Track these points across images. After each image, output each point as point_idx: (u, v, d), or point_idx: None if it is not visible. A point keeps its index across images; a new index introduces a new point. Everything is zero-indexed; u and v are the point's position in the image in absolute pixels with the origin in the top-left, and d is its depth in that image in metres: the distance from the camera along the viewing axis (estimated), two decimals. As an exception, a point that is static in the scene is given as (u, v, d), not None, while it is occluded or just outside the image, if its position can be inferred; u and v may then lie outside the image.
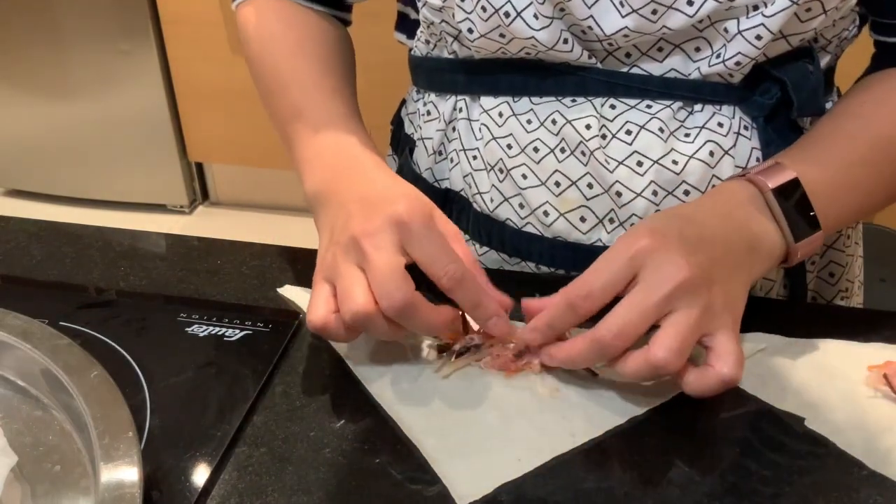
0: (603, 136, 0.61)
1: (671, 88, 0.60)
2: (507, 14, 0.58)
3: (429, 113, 0.70)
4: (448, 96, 0.67)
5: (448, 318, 0.51)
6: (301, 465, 0.48)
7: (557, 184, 0.62)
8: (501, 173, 0.64)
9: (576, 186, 0.62)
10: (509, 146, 0.63)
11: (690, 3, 0.55)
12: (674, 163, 0.60)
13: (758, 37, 0.56)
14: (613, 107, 0.61)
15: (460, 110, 0.66)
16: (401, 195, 0.52)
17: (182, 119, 2.17)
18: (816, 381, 0.54)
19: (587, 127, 0.61)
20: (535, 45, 0.59)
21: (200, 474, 0.47)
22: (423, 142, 0.70)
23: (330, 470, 0.48)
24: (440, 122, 0.68)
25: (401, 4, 0.72)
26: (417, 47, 0.69)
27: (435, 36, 0.66)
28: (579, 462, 0.48)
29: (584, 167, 0.61)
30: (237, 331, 0.58)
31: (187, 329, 0.58)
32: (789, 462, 0.48)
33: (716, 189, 0.56)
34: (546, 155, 0.62)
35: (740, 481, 0.47)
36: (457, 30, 0.62)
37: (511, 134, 0.63)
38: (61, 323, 0.58)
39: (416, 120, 0.72)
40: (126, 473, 0.42)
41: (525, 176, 0.63)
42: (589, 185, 0.61)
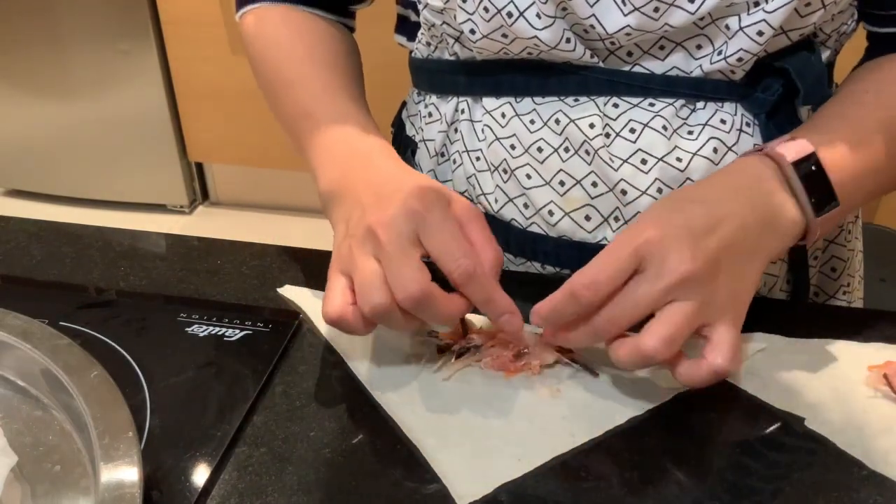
0: (607, 135, 0.61)
1: (673, 86, 0.60)
2: (510, 14, 0.58)
3: (430, 115, 0.69)
4: (450, 98, 0.67)
5: (463, 308, 0.51)
6: (301, 465, 0.48)
7: (562, 183, 0.62)
8: (505, 174, 0.64)
9: (580, 185, 0.62)
10: (513, 146, 0.63)
11: (692, 0, 0.55)
12: (678, 160, 0.60)
13: (759, 32, 0.56)
14: (616, 105, 0.61)
15: (462, 112, 0.66)
16: (415, 185, 0.51)
17: (182, 119, 2.17)
18: (816, 381, 0.54)
19: (591, 126, 0.61)
20: (538, 45, 0.59)
21: (200, 474, 0.47)
22: (425, 144, 0.70)
23: (330, 470, 0.48)
24: (442, 124, 0.68)
25: (400, 7, 0.72)
26: (418, 49, 0.69)
27: (436, 38, 0.66)
28: (579, 462, 0.48)
29: (589, 166, 0.61)
30: (237, 331, 0.58)
31: (187, 329, 0.58)
32: (789, 462, 0.48)
33: (731, 165, 0.55)
34: (550, 154, 0.62)
35: (740, 481, 0.47)
36: (458, 31, 0.62)
37: (514, 134, 0.63)
38: (61, 323, 0.58)
39: (418, 122, 0.72)
40: (126, 473, 0.42)
41: (529, 176, 0.63)
42: (593, 184, 0.61)
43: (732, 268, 0.50)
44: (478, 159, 0.66)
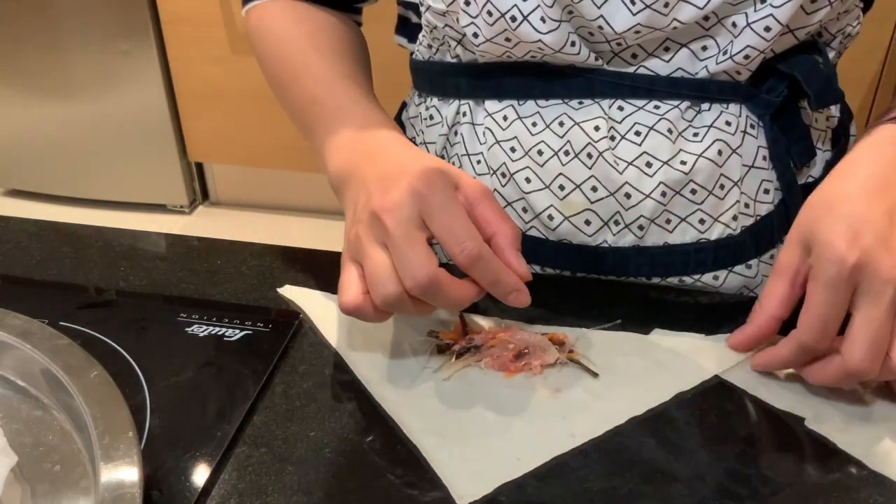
0: (612, 138, 0.60)
1: (678, 88, 0.60)
2: (514, 18, 0.57)
3: (431, 117, 0.69)
4: (451, 100, 0.67)
5: (473, 293, 0.50)
6: (301, 465, 0.48)
7: (562, 187, 0.62)
8: (504, 177, 0.64)
9: (580, 190, 0.62)
10: (513, 149, 0.63)
11: None
12: (682, 163, 0.60)
13: (766, 28, 0.56)
14: (621, 108, 0.61)
15: (464, 115, 0.66)
16: (420, 167, 0.51)
17: (182, 119, 2.17)
18: (816, 381, 0.54)
19: (596, 129, 0.60)
20: (542, 49, 0.59)
21: (200, 474, 0.47)
22: (426, 146, 0.70)
23: (330, 470, 0.48)
24: (443, 127, 0.68)
25: (401, 8, 0.72)
26: (419, 51, 0.69)
27: (437, 40, 0.66)
28: (579, 462, 0.48)
29: (589, 170, 0.61)
30: (237, 331, 0.58)
31: (187, 329, 0.58)
32: (789, 462, 0.48)
33: (874, 139, 0.53)
34: (550, 158, 0.62)
35: (740, 481, 0.47)
36: (461, 34, 0.62)
37: (515, 137, 0.63)
38: (61, 323, 0.58)
39: (418, 124, 0.72)
40: (126, 473, 0.42)
41: (529, 180, 0.63)
42: (593, 189, 0.61)
43: None
44: (478, 163, 0.65)
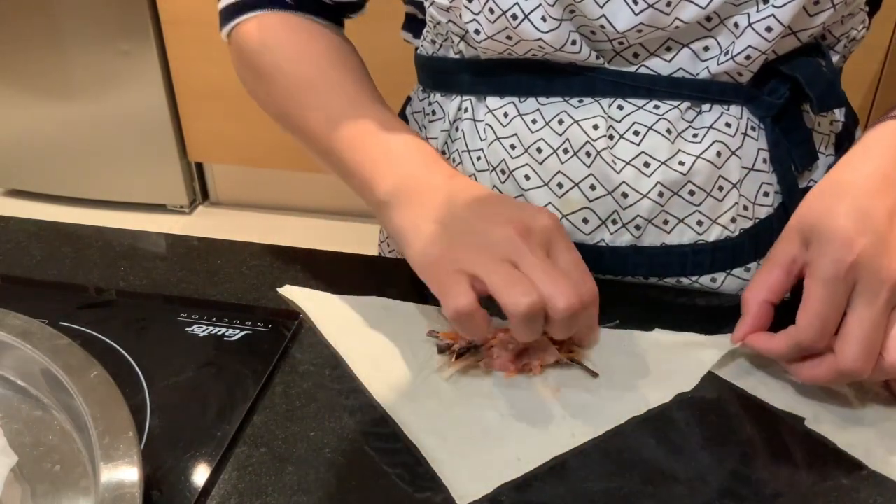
0: (610, 137, 0.60)
1: (679, 88, 0.60)
2: (515, 16, 0.57)
3: (434, 112, 0.69)
4: (453, 96, 0.67)
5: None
6: (301, 465, 0.48)
7: (560, 185, 0.62)
8: (503, 174, 0.64)
9: (578, 188, 0.62)
10: (512, 146, 0.63)
11: None
12: (680, 164, 0.60)
13: (768, 28, 0.56)
14: (621, 107, 0.61)
15: (465, 110, 0.66)
16: (540, 208, 0.54)
17: (182, 119, 2.17)
18: (816, 381, 0.54)
19: (595, 127, 0.60)
20: (543, 47, 0.59)
21: (200, 474, 0.47)
22: (429, 141, 0.70)
23: (330, 470, 0.48)
24: (445, 122, 0.68)
25: (408, 6, 0.72)
26: (423, 47, 0.69)
27: (441, 36, 0.66)
28: (579, 462, 0.48)
29: (587, 169, 0.61)
30: (237, 331, 0.58)
31: (187, 329, 0.58)
32: (789, 462, 0.48)
33: (878, 134, 0.54)
34: (549, 156, 0.62)
35: (740, 481, 0.47)
36: (463, 30, 0.62)
37: (515, 134, 0.63)
38: (61, 323, 0.58)
39: (421, 119, 0.72)
40: (126, 473, 0.42)
41: (528, 177, 0.63)
42: (591, 187, 0.61)
43: None
44: (478, 159, 0.65)
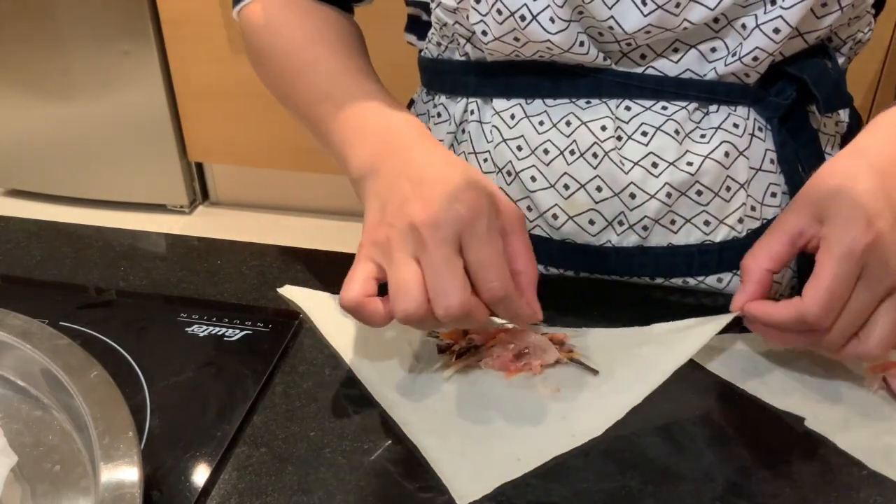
0: (618, 138, 0.60)
1: (686, 89, 0.60)
2: (523, 17, 0.57)
3: (439, 115, 0.69)
4: (459, 98, 0.67)
5: (487, 317, 0.49)
6: (301, 465, 0.48)
7: (566, 186, 0.62)
8: (510, 175, 0.64)
9: (584, 189, 0.62)
10: (519, 147, 0.63)
11: None
12: (688, 164, 0.60)
13: (775, 30, 0.56)
14: (629, 108, 0.61)
15: (471, 112, 0.66)
16: (464, 182, 0.49)
17: (182, 119, 2.17)
18: (817, 381, 0.54)
19: (602, 128, 0.60)
20: (550, 49, 0.59)
21: (200, 474, 0.47)
22: None
23: (330, 470, 0.48)
24: (451, 125, 0.67)
25: (411, 7, 0.71)
26: (428, 49, 0.69)
27: (447, 38, 0.66)
28: (579, 462, 0.48)
29: (594, 170, 0.61)
30: (237, 331, 0.58)
31: (187, 329, 0.58)
32: (789, 462, 0.48)
33: (888, 120, 0.54)
34: (556, 157, 0.62)
35: (740, 481, 0.47)
36: (470, 32, 0.62)
37: (522, 135, 0.63)
38: (61, 323, 0.58)
39: (426, 121, 0.71)
40: (126, 473, 0.42)
41: (534, 178, 0.63)
42: (598, 189, 0.61)
43: None
44: (485, 161, 0.65)
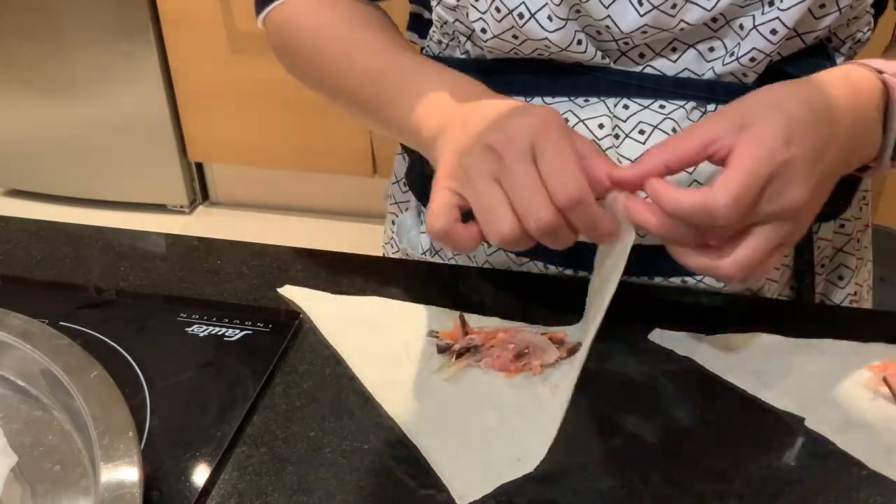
0: (616, 136, 0.60)
1: (684, 88, 0.60)
2: (521, 15, 0.57)
3: None
4: None
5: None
6: (301, 465, 0.48)
7: None
8: None
9: None
10: None
11: None
12: None
13: (773, 31, 0.56)
14: (626, 107, 0.61)
15: None
16: (535, 108, 0.50)
17: (182, 119, 2.17)
18: (817, 382, 0.54)
19: (600, 126, 0.60)
20: (548, 47, 0.59)
21: (200, 474, 0.47)
22: None
23: (330, 470, 0.48)
24: None
25: (413, 5, 0.72)
26: (429, 47, 0.69)
27: (448, 35, 0.66)
28: (579, 462, 0.48)
29: None
30: (237, 331, 0.58)
31: (187, 329, 0.58)
32: (789, 462, 0.48)
33: (845, 69, 0.54)
34: None
35: (740, 481, 0.47)
36: (470, 29, 0.62)
37: None
38: (61, 323, 0.58)
39: None
40: (126, 473, 0.42)
41: None
42: None
43: (821, 192, 0.49)
44: None
